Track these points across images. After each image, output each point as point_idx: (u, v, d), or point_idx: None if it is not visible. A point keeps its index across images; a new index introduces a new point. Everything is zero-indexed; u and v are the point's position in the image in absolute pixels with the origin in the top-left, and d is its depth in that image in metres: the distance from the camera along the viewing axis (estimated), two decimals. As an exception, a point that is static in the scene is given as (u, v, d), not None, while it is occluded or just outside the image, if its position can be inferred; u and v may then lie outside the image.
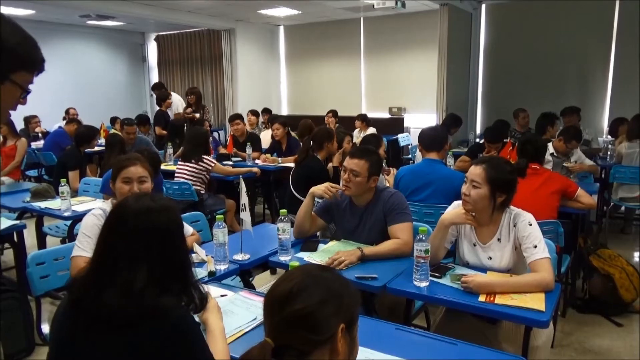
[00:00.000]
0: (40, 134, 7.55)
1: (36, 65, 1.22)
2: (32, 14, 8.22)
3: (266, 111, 7.71)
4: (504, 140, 4.78)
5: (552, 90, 7.10)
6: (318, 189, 2.45)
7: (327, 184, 2.45)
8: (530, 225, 2.03)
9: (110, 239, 1.28)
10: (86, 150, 4.92)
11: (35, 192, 3.72)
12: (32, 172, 6.46)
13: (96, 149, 5.60)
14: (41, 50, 1.22)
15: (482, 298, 1.82)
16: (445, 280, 1.99)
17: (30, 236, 3.65)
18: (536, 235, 2.00)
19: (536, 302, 1.77)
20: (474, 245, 2.16)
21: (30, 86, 1.33)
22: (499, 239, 2.11)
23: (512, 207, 2.13)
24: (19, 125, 6.89)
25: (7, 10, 7.86)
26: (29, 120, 7.68)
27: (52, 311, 1.34)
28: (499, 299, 1.80)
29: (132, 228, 1.27)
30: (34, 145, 6.69)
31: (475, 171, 2.08)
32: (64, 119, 7.87)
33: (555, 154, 4.16)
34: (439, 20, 6.89)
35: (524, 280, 1.90)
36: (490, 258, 2.11)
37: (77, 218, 3.34)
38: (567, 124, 5.03)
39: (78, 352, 1.20)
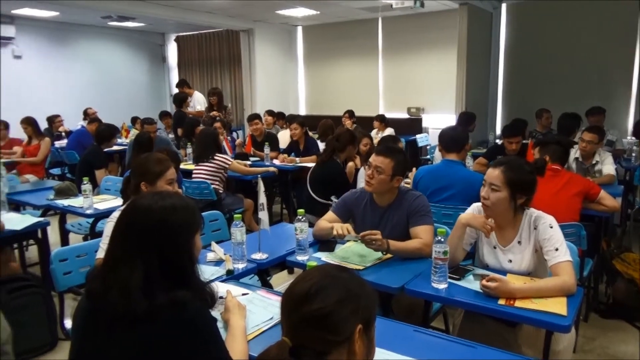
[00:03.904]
0: (63, 133, 7.70)
1: None
2: (56, 15, 8.40)
3: (281, 115, 7.69)
4: (524, 140, 4.70)
5: (575, 90, 6.97)
6: (338, 228, 2.25)
7: (347, 226, 2.27)
8: (552, 227, 1.99)
9: (114, 236, 1.30)
10: (105, 149, 4.99)
11: (58, 190, 3.80)
12: (56, 171, 6.60)
13: (115, 147, 5.67)
14: None
15: (501, 301, 1.80)
16: (464, 283, 1.97)
17: (53, 233, 3.73)
18: (557, 238, 1.97)
19: (557, 306, 1.74)
20: (494, 247, 2.13)
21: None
22: (519, 242, 2.08)
23: (532, 209, 2.09)
24: (43, 124, 7.05)
25: (32, 12, 8.07)
26: (53, 119, 7.85)
27: (74, 307, 1.37)
28: (519, 302, 1.78)
29: (129, 225, 1.28)
30: (57, 144, 6.83)
31: (494, 174, 2.05)
32: (84, 118, 8.02)
33: (580, 159, 4.08)
34: (458, 19, 6.82)
35: (545, 284, 1.87)
36: (511, 261, 2.08)
37: (99, 216, 3.41)
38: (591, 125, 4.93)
39: (98, 345, 1.23)
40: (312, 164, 4.52)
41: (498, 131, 7.58)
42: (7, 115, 5.92)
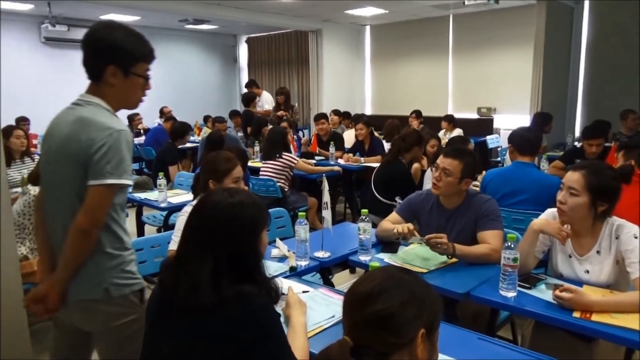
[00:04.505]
0: (142, 131, 8.18)
1: (148, 56, 1.65)
2: (137, 19, 8.94)
3: (346, 115, 7.66)
4: (606, 143, 4.39)
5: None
6: (399, 227, 2.27)
7: (409, 225, 2.26)
8: (636, 238, 1.84)
9: (186, 231, 1.35)
10: (179, 146, 5.23)
11: (136, 184, 4.04)
12: (135, 166, 7.02)
13: (188, 144, 5.93)
14: (149, 42, 1.63)
15: (576, 314, 1.69)
16: (535, 292, 1.87)
17: (131, 224, 3.96)
18: (643, 249, 1.82)
19: (640, 322, 1.61)
20: (570, 256, 2.01)
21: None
22: (598, 252, 1.94)
23: (614, 217, 1.95)
24: (124, 122, 7.51)
25: (116, 17, 8.63)
26: (132, 117, 8.37)
27: (148, 294, 1.46)
28: (596, 316, 1.66)
29: (199, 221, 1.33)
30: (136, 141, 7.26)
31: (573, 177, 1.92)
32: (161, 117, 8.48)
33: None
34: (535, 16, 6.49)
35: (627, 298, 1.73)
36: (588, 271, 1.95)
37: (172, 209, 3.59)
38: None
39: (169, 332, 1.29)
40: (376, 164, 4.49)
41: (577, 133, 7.14)
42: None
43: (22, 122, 6.78)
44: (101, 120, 1.52)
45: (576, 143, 6.01)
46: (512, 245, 1.82)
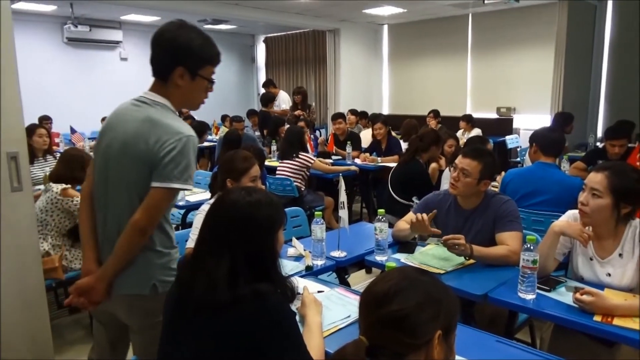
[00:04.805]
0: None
1: (215, 59, 1.64)
2: (157, 20, 9.06)
3: (363, 114, 7.63)
4: (630, 144, 4.29)
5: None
6: (418, 216, 2.29)
7: (426, 221, 2.24)
8: (660, 241, 1.80)
9: (203, 229, 1.36)
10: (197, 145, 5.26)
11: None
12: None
13: (206, 144, 5.97)
14: (216, 45, 1.61)
15: (597, 318, 1.66)
16: (555, 295, 1.84)
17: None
18: (667, 252, 1.77)
19: (665, 327, 1.57)
20: (591, 259, 1.97)
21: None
22: (620, 254, 1.90)
23: (637, 219, 1.91)
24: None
25: (136, 18, 8.77)
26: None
27: (165, 291, 1.49)
28: (618, 320, 1.63)
29: (216, 219, 1.33)
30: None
31: (596, 178, 1.88)
32: (179, 115, 8.58)
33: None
34: (557, 14, 6.39)
35: (651, 303, 1.70)
36: (609, 274, 1.91)
37: (190, 207, 3.62)
38: None
39: (185, 328, 1.30)
40: (393, 164, 4.47)
41: (599, 133, 7.01)
42: (113, 112, 6.47)
43: (45, 120, 6.92)
44: (170, 123, 1.54)
45: (598, 144, 5.90)
46: (532, 247, 1.80)
